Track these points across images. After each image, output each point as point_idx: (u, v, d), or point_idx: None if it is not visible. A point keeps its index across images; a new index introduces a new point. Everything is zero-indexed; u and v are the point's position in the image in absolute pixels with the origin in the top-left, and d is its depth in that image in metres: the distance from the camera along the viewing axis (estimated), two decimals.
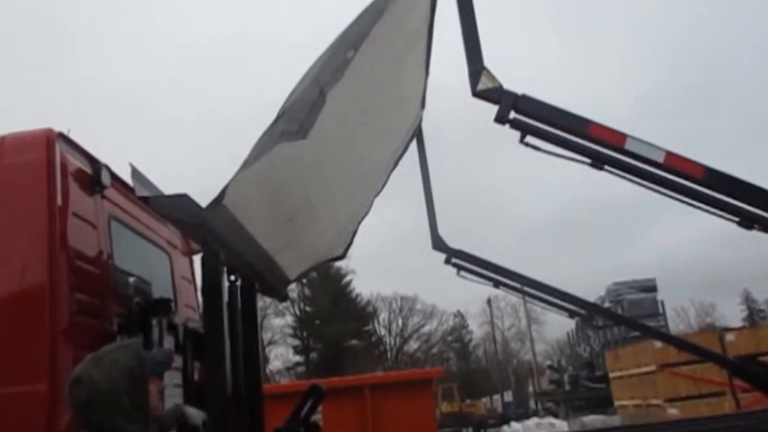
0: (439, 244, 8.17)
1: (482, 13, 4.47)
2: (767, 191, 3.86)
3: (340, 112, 3.74)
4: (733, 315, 56.00)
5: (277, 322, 55.89)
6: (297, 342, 57.07)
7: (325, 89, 3.44)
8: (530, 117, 4.31)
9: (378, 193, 5.85)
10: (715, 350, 10.92)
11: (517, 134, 4.40)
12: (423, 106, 5.81)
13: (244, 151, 3.27)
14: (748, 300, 57.82)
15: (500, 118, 4.38)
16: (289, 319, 56.60)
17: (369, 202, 5.85)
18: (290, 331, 56.91)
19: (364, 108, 4.39)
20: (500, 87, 4.39)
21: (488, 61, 4.44)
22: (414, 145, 6.77)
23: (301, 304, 56.55)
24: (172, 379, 4.17)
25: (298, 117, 3.36)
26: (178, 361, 4.35)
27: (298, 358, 57.06)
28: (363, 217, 5.89)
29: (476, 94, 4.42)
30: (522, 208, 66.87)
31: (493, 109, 4.38)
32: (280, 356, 56.59)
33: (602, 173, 4.26)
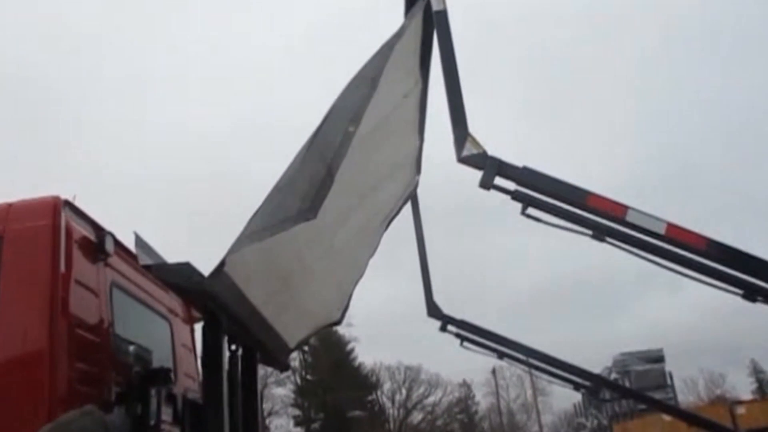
0: (433, 310, 8.16)
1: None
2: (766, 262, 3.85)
3: (343, 187, 3.77)
4: (743, 385, 54.90)
5: (278, 392, 54.87)
6: (298, 412, 55.91)
7: (332, 168, 3.48)
8: (519, 184, 4.34)
9: (371, 255, 5.84)
10: (725, 424, 10.70)
11: (506, 206, 4.45)
12: (419, 171, 5.86)
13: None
14: (756, 371, 56.74)
15: (485, 184, 4.44)
16: (290, 388, 55.63)
17: (363, 264, 5.84)
18: (291, 400, 55.87)
19: (363, 180, 4.44)
20: (484, 153, 4.45)
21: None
22: (409, 210, 6.82)
23: (303, 372, 55.70)
24: None
25: (309, 195, 3.38)
26: None
27: (299, 430, 55.81)
28: (358, 280, 5.87)
29: (461, 159, 4.48)
30: (516, 277, 66.58)
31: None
32: (281, 427, 55.38)
33: (602, 245, 4.27)
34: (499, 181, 4.47)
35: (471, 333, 8.42)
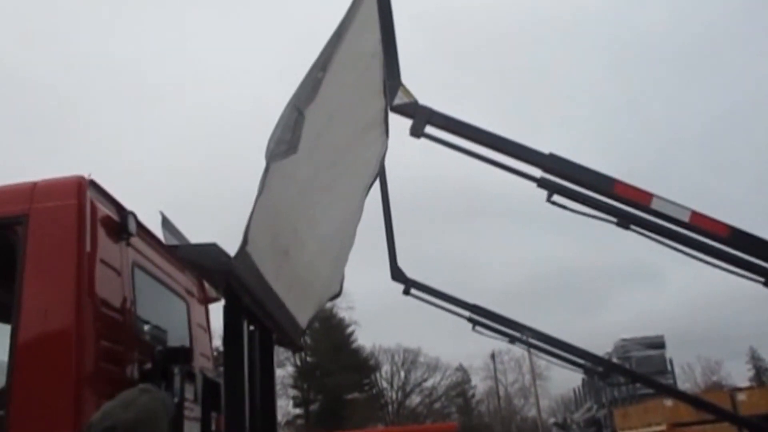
0: (397, 274, 8.23)
1: None
2: None
3: (317, 129, 3.89)
4: (739, 373, 55.22)
5: (278, 373, 55.19)
6: (297, 393, 56.25)
7: (302, 108, 3.61)
8: (545, 171, 4.37)
9: (357, 223, 5.88)
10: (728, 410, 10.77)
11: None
12: (387, 134, 5.87)
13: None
14: (755, 358, 57.01)
15: (415, 132, 4.51)
16: (290, 369, 55.92)
17: (352, 232, 5.88)
18: (291, 381, 56.18)
19: (338, 128, 4.52)
20: (415, 102, 4.51)
21: None
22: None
23: (303, 354, 55.96)
24: (191, 430, 4.13)
25: (284, 138, 3.48)
26: (196, 411, 4.32)
27: (298, 411, 56.16)
28: (349, 249, 5.91)
29: (393, 108, 4.54)
30: (501, 271, 66.88)
31: None
32: (281, 409, 55.72)
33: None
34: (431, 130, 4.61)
35: (433, 296, 8.53)
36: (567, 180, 4.23)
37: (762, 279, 4.08)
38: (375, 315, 58.81)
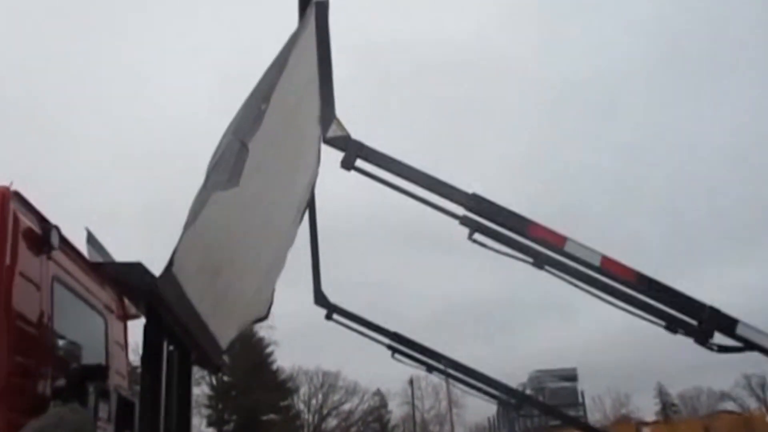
0: (320, 299, 8.34)
1: None
2: (693, 300, 4.14)
3: (258, 160, 3.96)
4: (647, 407, 57.16)
5: (194, 392, 53.85)
6: (211, 413, 54.95)
7: (245, 140, 3.68)
8: (467, 209, 4.56)
9: (289, 247, 5.94)
10: None
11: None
12: (318, 161, 6.00)
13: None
14: (662, 393, 59.16)
15: (346, 164, 4.70)
16: (205, 388, 54.61)
17: (283, 256, 5.93)
18: (205, 401, 54.85)
19: (276, 156, 4.62)
20: (348, 136, 4.70)
21: None
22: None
23: (219, 373, 54.81)
24: None
25: (227, 167, 3.55)
26: (109, 430, 4.26)
27: (211, 431, 54.84)
28: (279, 273, 5.96)
29: (326, 140, 4.72)
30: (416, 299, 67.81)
31: None
32: (194, 428, 54.22)
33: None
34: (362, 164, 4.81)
35: (355, 322, 8.67)
36: (488, 220, 4.41)
37: (663, 323, 4.35)
38: (296, 336, 58.09)
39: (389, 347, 8.53)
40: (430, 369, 8.95)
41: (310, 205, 7.40)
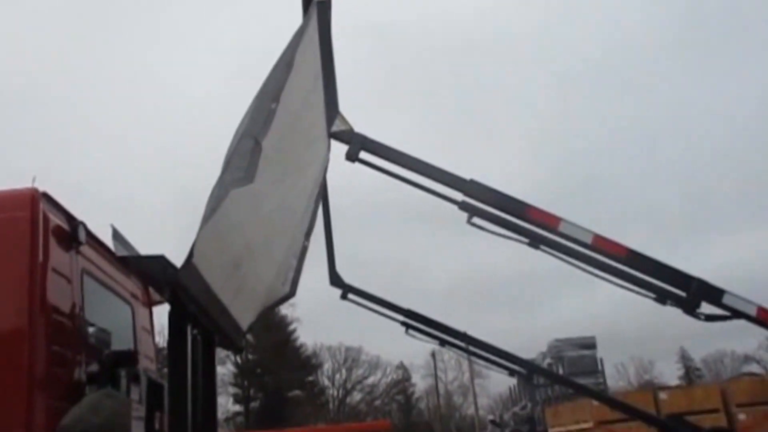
0: (335, 279, 8.54)
1: None
2: (681, 272, 4.36)
3: (271, 154, 4.17)
4: (670, 372, 57.44)
5: (219, 371, 54.63)
6: (237, 391, 55.87)
7: (259, 138, 3.90)
8: (466, 195, 4.79)
9: (309, 231, 6.18)
10: (648, 409, 11.40)
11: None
12: (328, 149, 6.22)
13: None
14: (685, 358, 59.29)
15: (350, 156, 4.96)
16: (230, 367, 55.48)
17: (302, 238, 6.17)
18: (231, 379, 55.75)
19: (288, 147, 4.84)
20: (351, 129, 4.95)
21: None
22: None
23: (243, 352, 55.56)
24: (136, 429, 4.38)
25: (241, 165, 3.77)
26: (140, 411, 4.57)
27: (237, 408, 55.80)
28: (303, 252, 6.19)
29: (331, 135, 4.96)
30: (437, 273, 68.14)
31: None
32: (220, 406, 55.18)
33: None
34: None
35: (370, 301, 8.81)
36: (485, 204, 4.65)
37: (653, 295, 4.58)
38: (317, 313, 58.93)
39: (403, 323, 8.78)
40: (443, 343, 9.21)
41: (323, 189, 7.62)
